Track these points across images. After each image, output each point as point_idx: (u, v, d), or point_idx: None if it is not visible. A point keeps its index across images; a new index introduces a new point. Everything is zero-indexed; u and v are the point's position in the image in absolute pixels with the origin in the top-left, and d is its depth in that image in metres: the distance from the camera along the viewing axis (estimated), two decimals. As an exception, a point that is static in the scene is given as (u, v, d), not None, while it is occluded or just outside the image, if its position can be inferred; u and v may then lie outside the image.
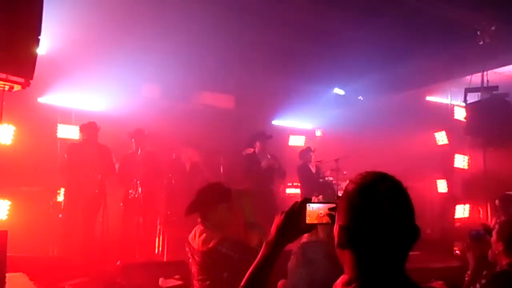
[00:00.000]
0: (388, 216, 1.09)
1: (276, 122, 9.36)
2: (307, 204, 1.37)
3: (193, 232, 2.43)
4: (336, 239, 1.17)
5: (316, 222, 1.36)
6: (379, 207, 1.09)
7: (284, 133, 9.19)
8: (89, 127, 6.15)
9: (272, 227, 1.41)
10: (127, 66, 6.73)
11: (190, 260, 2.42)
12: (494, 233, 2.47)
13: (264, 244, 1.40)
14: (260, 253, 1.40)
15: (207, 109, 8.14)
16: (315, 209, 1.36)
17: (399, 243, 1.11)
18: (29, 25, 3.26)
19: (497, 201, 4.97)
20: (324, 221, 1.35)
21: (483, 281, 2.34)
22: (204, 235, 2.33)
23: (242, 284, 1.40)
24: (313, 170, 7.24)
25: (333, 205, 1.33)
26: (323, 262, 2.77)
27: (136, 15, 6.10)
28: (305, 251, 2.81)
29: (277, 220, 1.41)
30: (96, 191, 5.98)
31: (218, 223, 2.41)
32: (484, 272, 2.40)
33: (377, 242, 1.10)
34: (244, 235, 2.39)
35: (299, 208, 1.38)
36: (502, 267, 2.42)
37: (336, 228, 1.18)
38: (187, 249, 2.44)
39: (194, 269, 2.38)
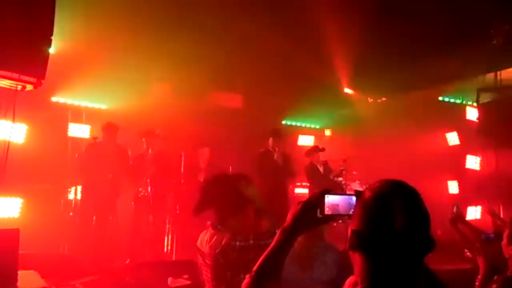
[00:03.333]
0: (400, 229, 1.10)
1: (285, 122, 9.34)
2: (326, 196, 1.36)
3: (200, 237, 2.26)
4: (348, 241, 1.19)
5: (333, 213, 1.36)
6: (392, 219, 1.11)
7: (293, 133, 9.17)
8: (108, 127, 6.17)
9: (289, 215, 1.42)
10: (138, 65, 6.76)
11: (202, 265, 2.24)
12: (504, 237, 2.43)
13: (279, 230, 1.41)
14: (275, 239, 1.41)
15: (216, 109, 8.14)
16: (333, 201, 1.36)
17: (409, 253, 1.13)
18: (41, 26, 3.30)
19: None
20: (341, 213, 1.35)
21: (494, 286, 2.30)
22: (215, 237, 2.14)
23: (254, 268, 1.39)
24: (321, 169, 7.18)
25: (352, 197, 1.33)
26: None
27: (147, 15, 6.12)
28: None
29: (294, 208, 1.41)
30: (108, 190, 6.02)
31: (237, 226, 2.14)
32: (495, 277, 2.36)
33: (387, 250, 1.12)
34: (254, 222, 2.25)
35: (317, 199, 1.38)
36: (513, 272, 2.38)
37: (349, 231, 1.20)
38: (198, 255, 2.26)
39: (207, 274, 2.20)
